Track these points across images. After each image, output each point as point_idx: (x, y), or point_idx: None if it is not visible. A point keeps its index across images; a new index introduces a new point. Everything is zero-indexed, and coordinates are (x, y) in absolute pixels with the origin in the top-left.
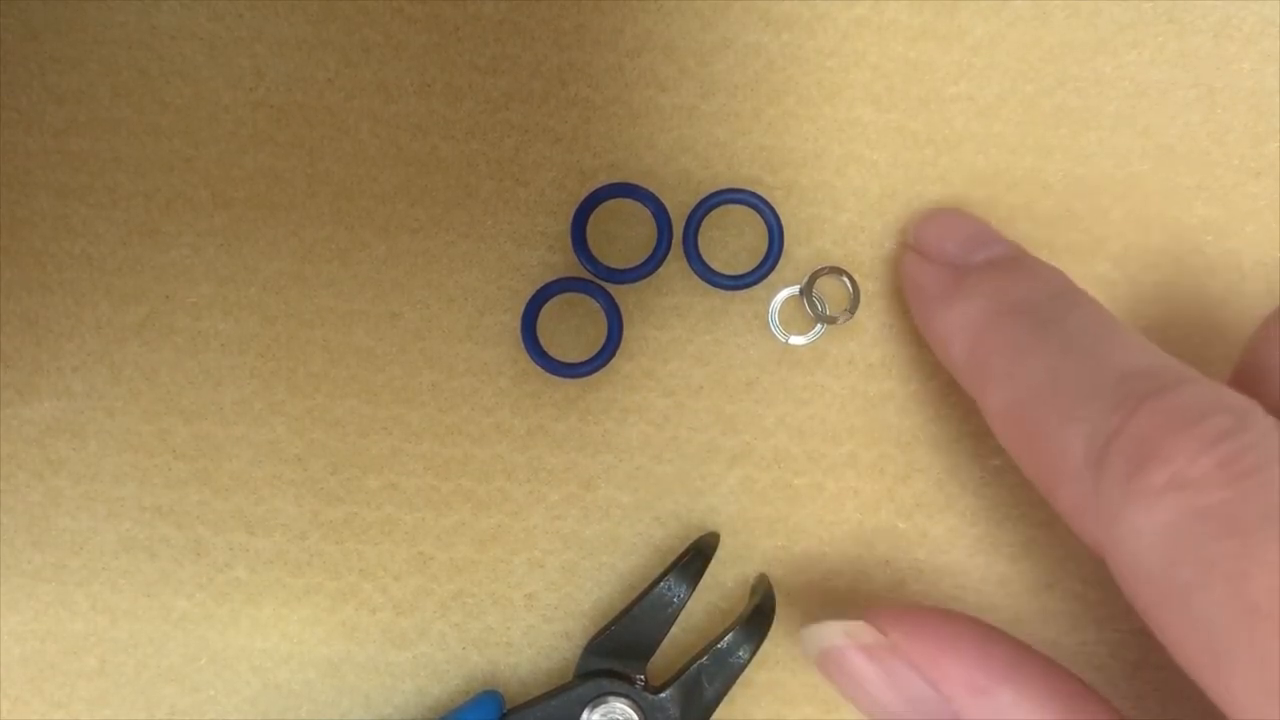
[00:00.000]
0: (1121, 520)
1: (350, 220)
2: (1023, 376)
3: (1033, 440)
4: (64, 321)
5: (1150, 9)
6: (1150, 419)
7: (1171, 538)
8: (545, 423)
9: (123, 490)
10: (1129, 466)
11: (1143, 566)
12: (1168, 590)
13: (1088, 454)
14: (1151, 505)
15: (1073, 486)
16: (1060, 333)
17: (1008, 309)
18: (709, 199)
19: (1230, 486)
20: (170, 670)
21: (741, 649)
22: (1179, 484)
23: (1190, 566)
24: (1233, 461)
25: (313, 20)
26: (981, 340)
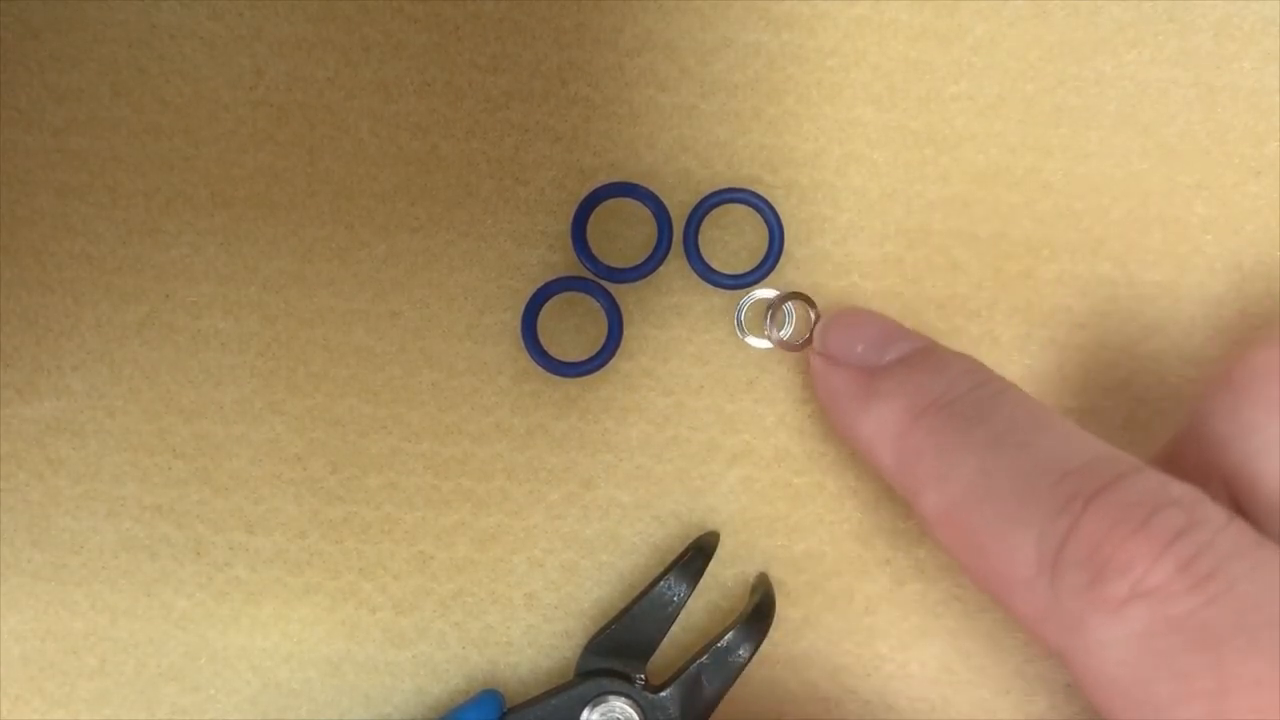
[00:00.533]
0: (1086, 632)
1: (350, 219)
2: (955, 479)
3: (975, 547)
4: (64, 320)
5: (1150, 8)
6: (1099, 521)
7: (1142, 651)
8: (545, 422)
9: (123, 489)
10: (1086, 576)
11: (1113, 679)
12: (1141, 703)
13: (1040, 563)
14: (1117, 617)
15: (1028, 596)
16: (987, 429)
17: (927, 408)
18: (709, 198)
19: (1196, 593)
20: (170, 669)
21: (741, 648)
22: (1142, 593)
23: (1165, 682)
24: (1192, 564)
25: (313, 19)
26: (905, 444)
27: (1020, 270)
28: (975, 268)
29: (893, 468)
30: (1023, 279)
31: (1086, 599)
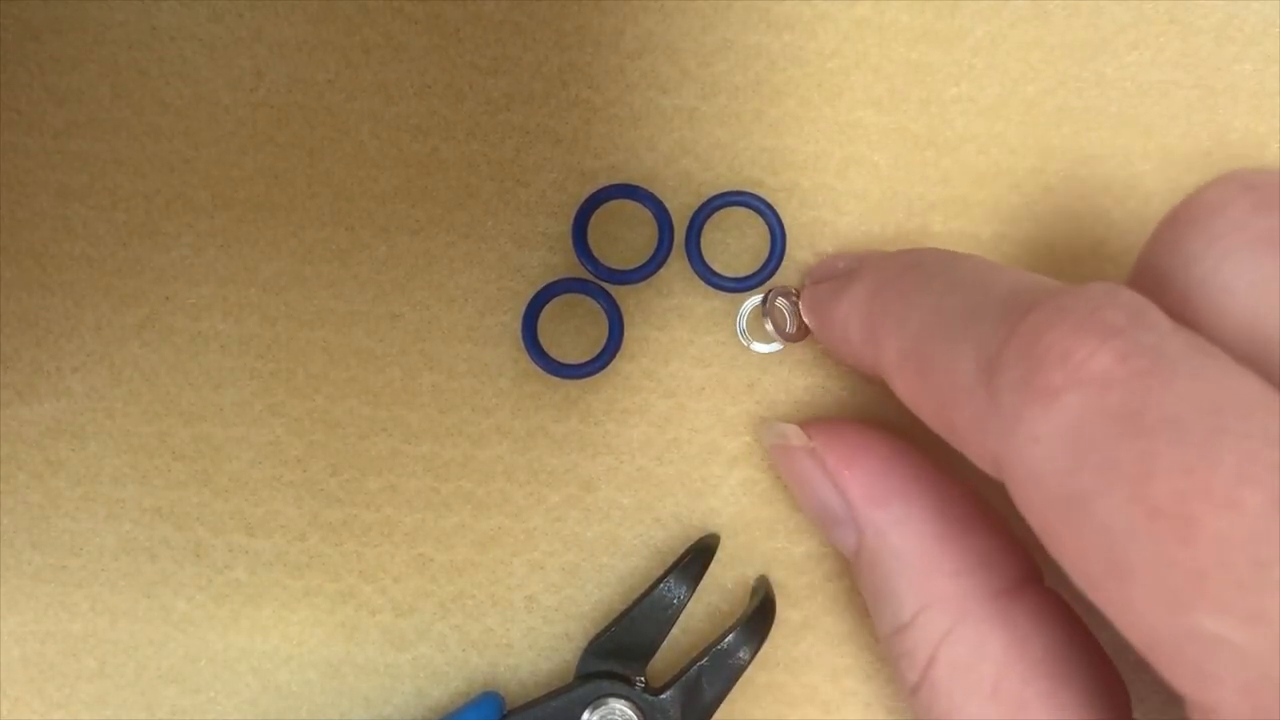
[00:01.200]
0: (1019, 427)
1: (350, 221)
2: (913, 319)
3: (924, 374)
4: (63, 322)
5: (1151, 9)
6: (1040, 319)
7: (1071, 441)
8: (546, 424)
9: (122, 491)
10: (1023, 370)
11: (1041, 476)
12: (1067, 499)
13: (978, 367)
14: (1049, 407)
15: (966, 405)
16: (947, 276)
17: (894, 275)
18: (711, 201)
19: (1133, 384)
20: (170, 671)
21: (742, 650)
22: (1078, 381)
23: (1091, 471)
24: (1133, 356)
25: (313, 21)
26: (872, 307)
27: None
28: None
29: (860, 338)
30: None
31: (1021, 394)
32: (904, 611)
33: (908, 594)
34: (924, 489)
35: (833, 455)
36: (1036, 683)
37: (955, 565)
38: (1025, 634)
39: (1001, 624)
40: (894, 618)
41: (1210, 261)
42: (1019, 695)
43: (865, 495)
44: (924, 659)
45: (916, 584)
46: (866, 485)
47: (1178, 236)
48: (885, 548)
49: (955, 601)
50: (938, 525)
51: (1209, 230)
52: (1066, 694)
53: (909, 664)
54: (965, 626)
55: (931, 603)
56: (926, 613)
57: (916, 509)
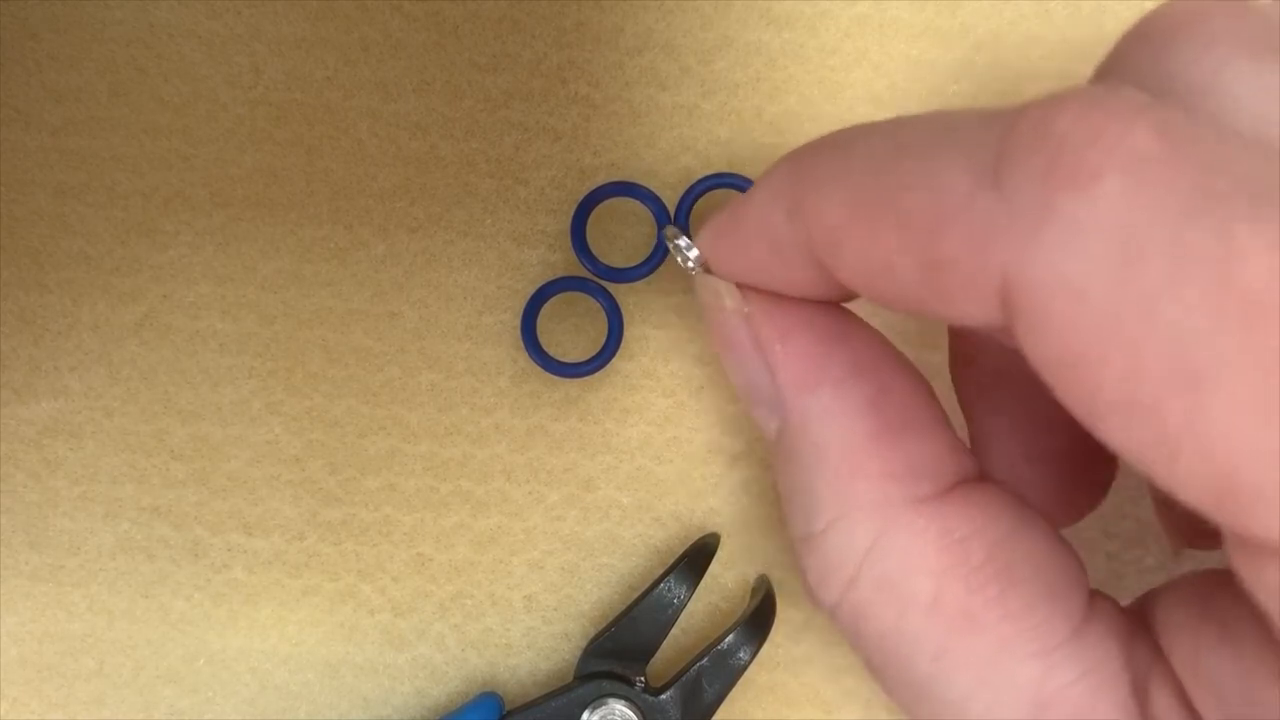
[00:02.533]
0: (1050, 222)
1: (349, 219)
2: (859, 162)
3: (887, 213)
4: (61, 321)
5: (1152, 7)
6: (1047, 107)
7: (1125, 228)
8: (545, 423)
9: (120, 491)
10: (1045, 155)
11: (1084, 281)
12: (1120, 305)
13: (977, 172)
14: (1091, 188)
15: (960, 223)
16: (887, 125)
17: (814, 146)
18: (698, 184)
19: (1183, 156)
20: (168, 671)
21: (742, 650)
22: (1122, 158)
23: (1155, 261)
24: (1173, 128)
25: (311, 18)
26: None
27: None
28: None
29: (786, 229)
30: None
31: (1048, 180)
32: (821, 516)
33: (827, 497)
34: (862, 375)
35: (767, 325)
36: (983, 590)
37: (883, 467)
38: (964, 536)
39: (936, 530)
40: (808, 521)
41: (1206, 69)
42: (963, 605)
43: (794, 376)
44: (845, 575)
45: (837, 486)
46: (798, 365)
47: (1158, 50)
48: (807, 439)
49: (880, 508)
50: (870, 420)
51: (1198, 39)
52: (1017, 596)
53: (827, 578)
54: (891, 536)
55: (853, 510)
56: (847, 520)
57: (849, 399)
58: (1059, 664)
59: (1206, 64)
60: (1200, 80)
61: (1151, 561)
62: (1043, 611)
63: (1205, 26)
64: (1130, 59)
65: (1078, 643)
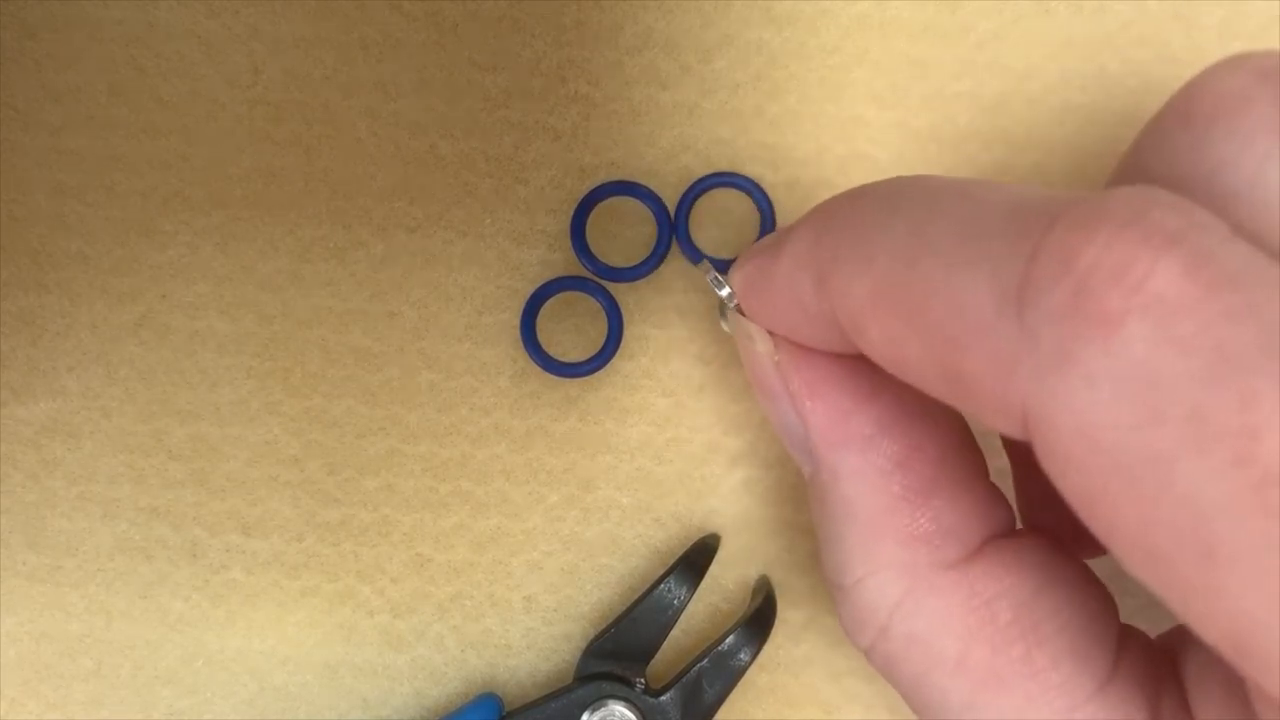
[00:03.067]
0: (1068, 367)
1: (348, 219)
2: (882, 251)
3: (914, 314)
4: (59, 321)
5: (1155, 6)
6: (1076, 226)
7: (1142, 385)
8: (544, 423)
9: (118, 491)
10: (1067, 293)
11: (1099, 430)
12: (1136, 461)
13: (1000, 295)
14: (1109, 340)
15: (983, 344)
16: (915, 196)
17: (839, 211)
18: (698, 184)
19: (1210, 304)
20: (166, 672)
21: (742, 651)
22: (1142, 304)
23: (1173, 425)
24: (1201, 268)
25: (310, 17)
26: (820, 250)
27: None
28: None
29: (812, 293)
30: None
31: (1069, 324)
32: (850, 571)
33: (856, 552)
34: (892, 433)
35: (797, 376)
36: (1008, 650)
37: (911, 530)
38: (990, 598)
39: (962, 593)
40: (839, 573)
41: (1249, 167)
42: (989, 664)
43: (823, 430)
44: (875, 627)
45: (865, 545)
46: (827, 419)
47: (1197, 139)
48: (837, 494)
49: (907, 570)
50: (898, 480)
51: (1240, 130)
52: (1043, 655)
53: (858, 626)
54: (918, 598)
55: (880, 569)
56: (875, 578)
57: (877, 458)
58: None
59: (1247, 163)
60: (1241, 182)
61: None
62: (1068, 668)
63: (1248, 117)
64: (1169, 144)
65: (1103, 699)
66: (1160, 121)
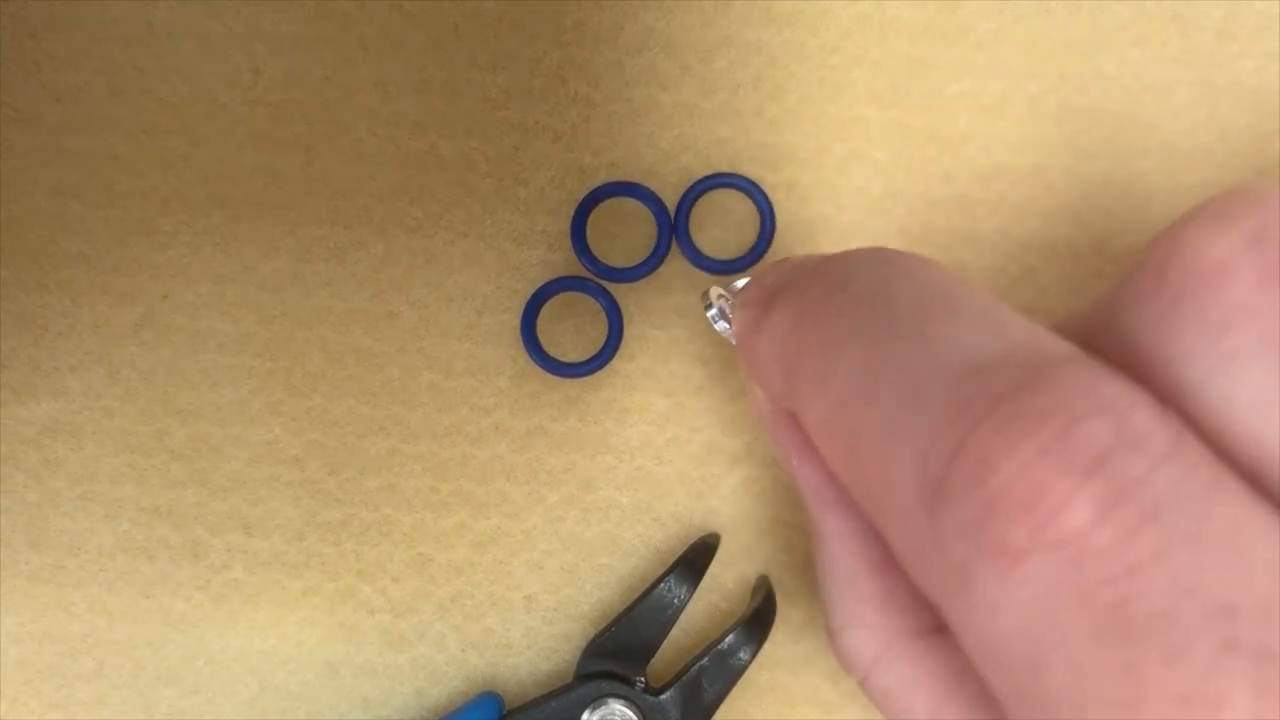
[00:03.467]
0: (970, 590)
1: (348, 219)
2: (837, 378)
3: (854, 464)
4: (61, 321)
5: (1153, 7)
6: (998, 434)
7: (1038, 627)
8: (545, 423)
9: (120, 491)
10: (975, 511)
11: (999, 655)
12: (1026, 691)
13: (920, 489)
14: (1010, 574)
15: (905, 532)
16: (882, 313)
17: (816, 301)
18: (698, 184)
19: (1117, 555)
20: (168, 672)
21: (742, 650)
22: (1047, 544)
23: (1063, 675)
24: (1118, 505)
25: (310, 17)
26: (789, 348)
27: (1023, 270)
28: (978, 267)
29: (781, 386)
30: (1026, 279)
31: (973, 545)
32: (834, 618)
33: (838, 605)
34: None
35: (784, 439)
36: (976, 713)
37: (885, 600)
38: (961, 669)
39: (933, 659)
40: (827, 615)
41: (1208, 363)
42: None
43: (809, 490)
44: (858, 673)
45: (845, 602)
46: (812, 480)
47: (1164, 315)
48: (824, 549)
49: (882, 632)
50: (875, 549)
51: (1208, 317)
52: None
53: (847, 667)
54: (892, 660)
55: (859, 625)
56: (855, 632)
57: (854, 525)
58: None
59: (1208, 359)
60: (1199, 377)
61: None
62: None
63: (1221, 300)
64: (1140, 306)
65: None
66: (1135, 278)
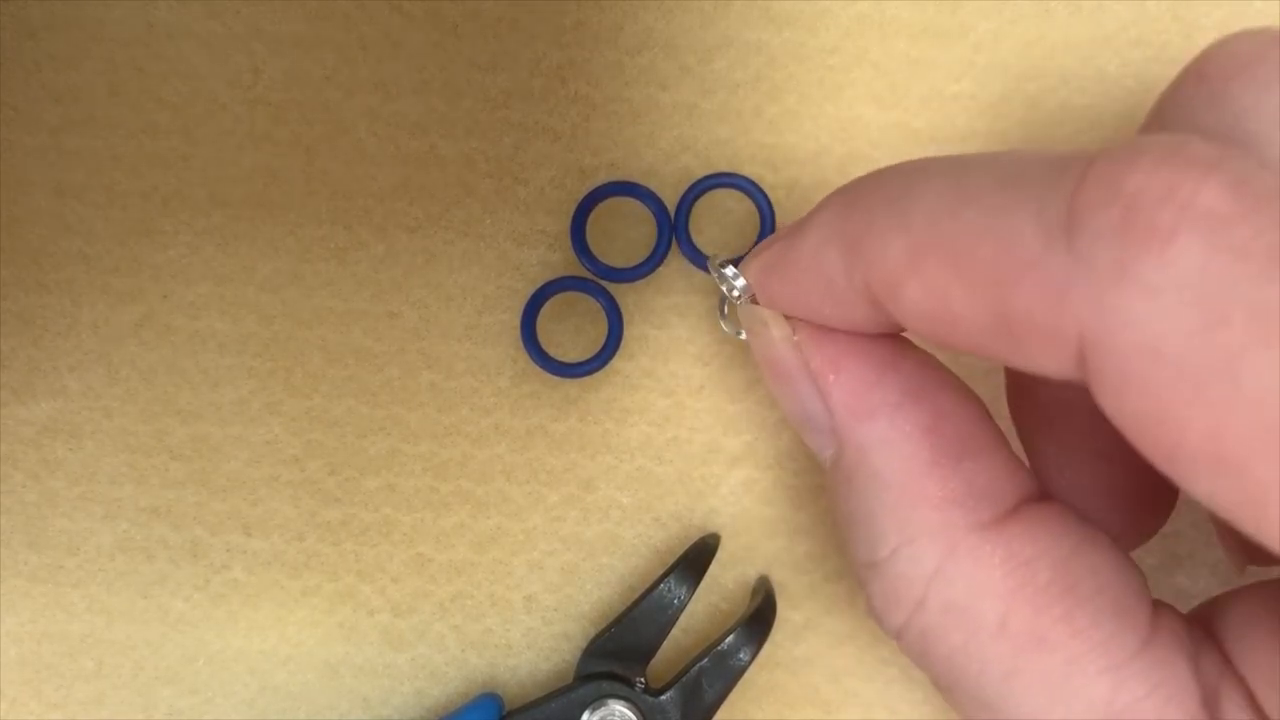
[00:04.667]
0: (1126, 284)
1: (348, 219)
2: (921, 207)
3: (957, 262)
4: (61, 321)
5: (1154, 7)
6: (1117, 161)
7: (1202, 290)
8: (545, 423)
9: (120, 491)
10: (1116, 217)
11: (1162, 341)
12: (1202, 366)
13: (1048, 230)
14: (1165, 250)
15: (1033, 278)
16: (946, 163)
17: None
18: (697, 184)
19: (1260, 214)
20: (167, 672)
21: (742, 651)
22: (1193, 219)
23: (1236, 324)
24: (1246, 186)
25: (310, 17)
26: (850, 221)
27: None
28: None
29: (841, 264)
30: None
31: (1122, 242)
32: (884, 544)
33: (889, 524)
34: (918, 401)
35: (819, 354)
36: (1050, 609)
37: (944, 493)
38: (1029, 558)
39: (1000, 554)
40: (870, 549)
41: (1266, 114)
42: (1031, 626)
43: (849, 405)
44: (911, 600)
45: (899, 514)
46: (852, 393)
47: (1217, 92)
48: (865, 468)
49: (944, 534)
50: (928, 446)
51: (1257, 81)
52: (1084, 614)
53: (892, 603)
54: (957, 562)
55: (916, 536)
56: (910, 547)
57: (906, 426)
58: (1129, 679)
59: (1265, 109)
60: (1261, 127)
61: (1185, 581)
62: (1110, 627)
63: (1262, 67)
64: (1188, 102)
65: (1146, 656)
66: (1179, 83)
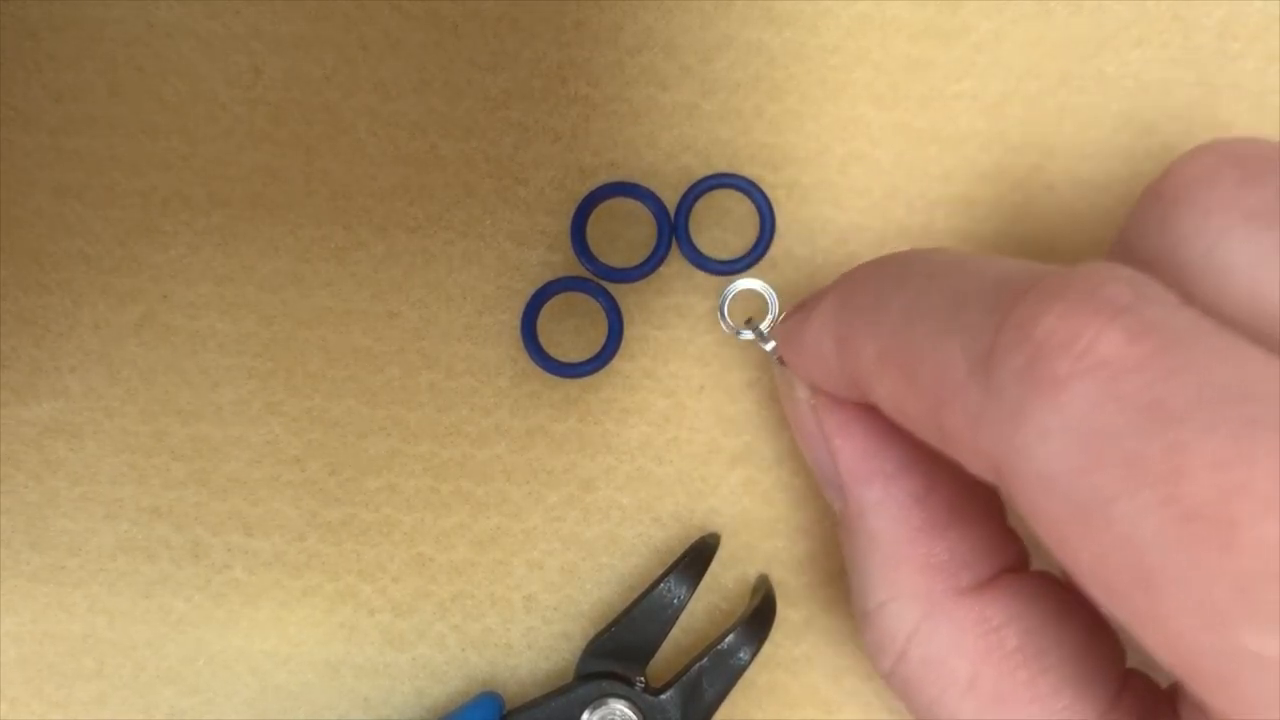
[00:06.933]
0: (1024, 423)
1: (348, 219)
2: (889, 317)
3: (908, 374)
4: (61, 321)
5: (1154, 7)
6: (1036, 300)
7: (1085, 436)
8: (545, 423)
9: (120, 491)
10: (1023, 358)
11: (1052, 477)
12: (1083, 503)
13: (971, 361)
14: (1057, 398)
15: (959, 403)
16: (922, 268)
17: (862, 279)
18: (698, 185)
19: (1149, 367)
20: (168, 672)
21: (742, 650)
22: (1087, 367)
23: (1111, 470)
24: (1144, 335)
25: (310, 17)
26: (842, 313)
27: None
28: None
29: (834, 350)
30: None
31: (1024, 385)
32: (873, 597)
33: (879, 580)
34: (912, 471)
35: (830, 419)
36: (1014, 674)
37: (927, 560)
38: (999, 624)
39: (973, 619)
40: (863, 599)
41: (1204, 241)
42: (996, 688)
43: (851, 468)
44: (895, 650)
45: (887, 573)
46: (854, 458)
47: (1164, 216)
48: (863, 526)
49: (924, 596)
50: (918, 514)
51: (1199, 208)
52: (1047, 681)
53: (879, 651)
54: (934, 622)
55: (900, 595)
56: (895, 604)
57: (899, 493)
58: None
59: (1204, 238)
60: (1196, 252)
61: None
62: (1069, 695)
63: (1208, 194)
64: (1142, 223)
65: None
66: (1140, 201)
